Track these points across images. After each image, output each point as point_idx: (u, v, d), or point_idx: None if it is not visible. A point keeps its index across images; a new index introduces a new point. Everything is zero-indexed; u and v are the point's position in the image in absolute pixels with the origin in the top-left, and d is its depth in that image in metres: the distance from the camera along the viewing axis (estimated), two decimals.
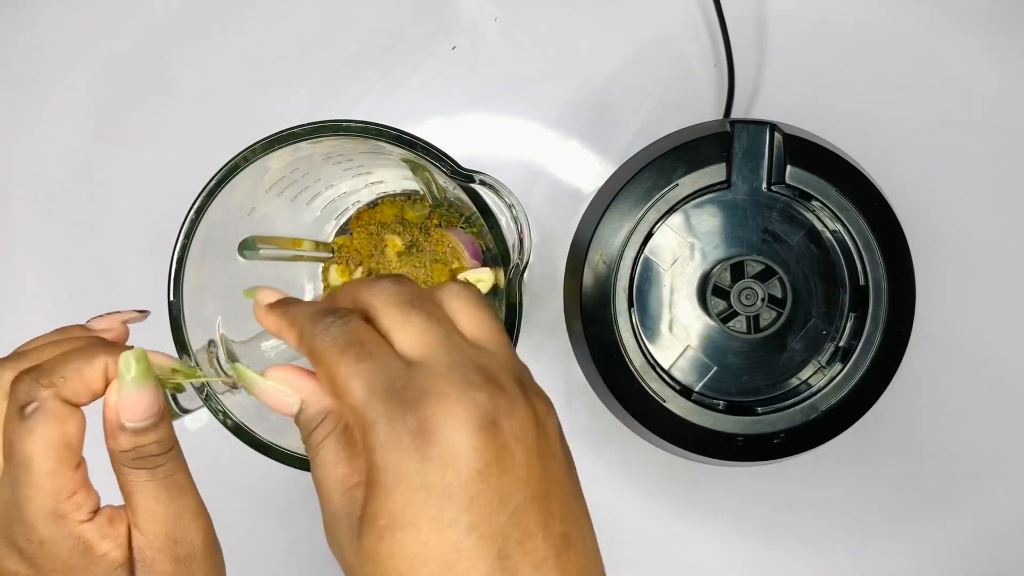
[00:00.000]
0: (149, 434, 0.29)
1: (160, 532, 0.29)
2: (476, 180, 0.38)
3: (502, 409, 0.25)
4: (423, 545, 0.24)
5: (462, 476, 0.25)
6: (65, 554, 0.28)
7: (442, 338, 0.27)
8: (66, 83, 0.57)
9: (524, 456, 0.26)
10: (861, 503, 0.55)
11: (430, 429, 0.25)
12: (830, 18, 0.55)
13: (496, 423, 0.25)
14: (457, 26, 0.56)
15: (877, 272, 0.47)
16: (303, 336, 0.28)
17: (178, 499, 0.30)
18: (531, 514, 0.25)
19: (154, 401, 0.29)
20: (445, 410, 0.25)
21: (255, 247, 0.44)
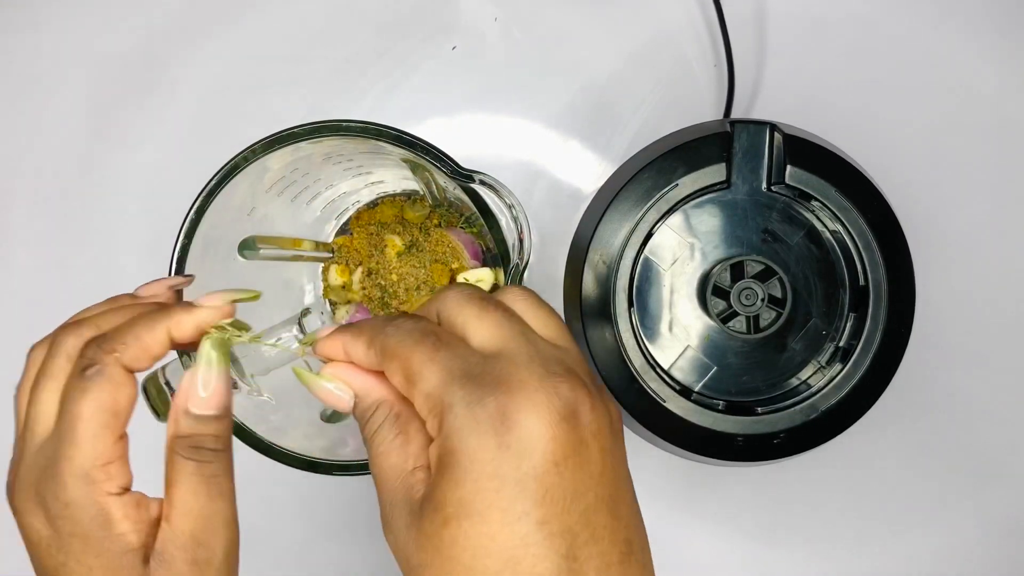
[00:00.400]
0: (210, 425, 0.29)
1: (187, 530, 0.29)
2: (476, 180, 0.38)
3: (582, 401, 0.25)
4: (489, 537, 0.24)
5: (538, 467, 0.24)
6: (86, 521, 0.28)
7: (519, 331, 0.27)
8: (66, 83, 0.57)
9: (599, 453, 0.25)
10: (861, 503, 0.55)
11: (509, 414, 0.24)
12: (830, 18, 0.55)
13: (576, 415, 0.25)
14: (457, 26, 0.56)
15: (877, 272, 0.47)
16: (373, 338, 0.28)
17: (215, 502, 0.29)
18: (601, 515, 0.25)
19: (224, 395, 0.30)
20: (526, 397, 0.25)
21: (255, 247, 0.44)
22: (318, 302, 0.53)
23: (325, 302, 0.53)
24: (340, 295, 0.53)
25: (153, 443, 0.32)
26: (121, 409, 0.29)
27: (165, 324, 0.29)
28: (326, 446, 0.41)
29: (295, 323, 0.44)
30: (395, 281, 0.51)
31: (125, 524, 0.28)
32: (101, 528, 0.28)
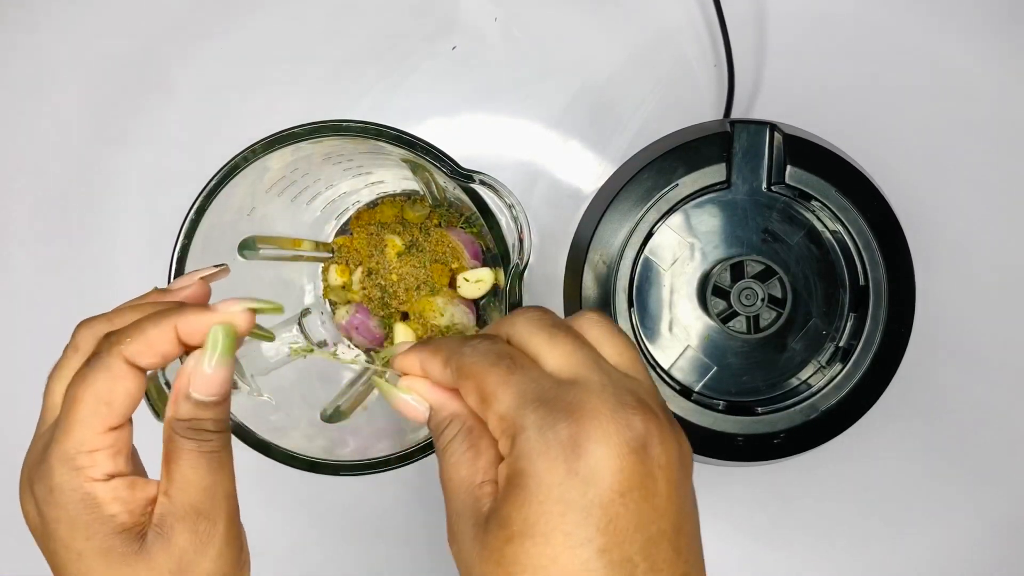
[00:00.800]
0: (210, 410, 0.30)
1: (187, 502, 0.29)
2: (476, 180, 0.38)
3: (653, 434, 0.26)
4: (551, 558, 0.25)
5: (604, 496, 0.25)
6: (70, 506, 0.28)
7: (592, 360, 0.27)
8: (66, 83, 0.57)
9: (665, 487, 0.26)
10: (861, 503, 0.55)
11: (580, 442, 0.25)
12: (830, 18, 0.55)
13: (646, 448, 0.25)
14: (457, 26, 0.56)
15: (877, 272, 0.47)
16: (449, 357, 0.29)
17: (215, 474, 0.29)
18: (662, 547, 0.25)
19: (226, 381, 0.30)
20: (598, 426, 0.25)
21: (255, 247, 0.44)
22: (318, 302, 0.53)
23: (325, 302, 0.53)
24: (340, 295, 0.53)
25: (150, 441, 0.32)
26: (116, 400, 0.28)
27: (173, 322, 0.29)
28: (326, 446, 0.41)
29: (295, 323, 0.45)
30: (395, 281, 0.51)
31: (115, 506, 0.28)
32: (88, 512, 0.28)
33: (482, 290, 0.51)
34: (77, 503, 0.28)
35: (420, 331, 0.52)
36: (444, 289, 0.51)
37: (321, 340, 0.52)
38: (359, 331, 0.52)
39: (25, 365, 0.57)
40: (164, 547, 0.28)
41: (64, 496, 0.28)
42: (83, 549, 0.28)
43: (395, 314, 0.52)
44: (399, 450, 0.40)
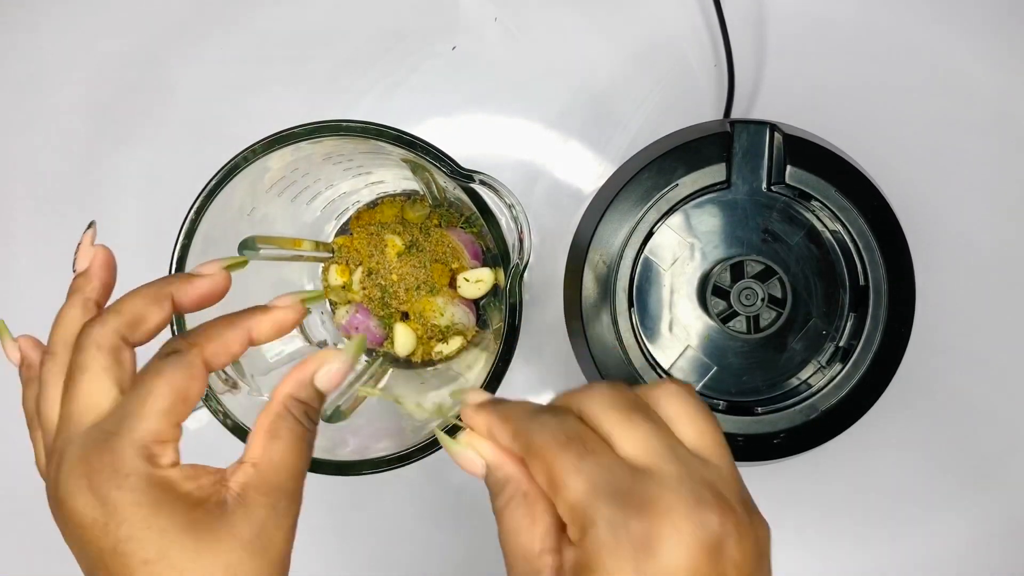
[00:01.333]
0: (320, 400, 0.31)
1: (275, 478, 0.29)
2: (476, 180, 0.38)
3: (730, 533, 0.25)
4: None
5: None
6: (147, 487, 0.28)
7: (669, 447, 0.27)
8: (66, 83, 0.57)
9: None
10: (861, 503, 0.55)
11: (653, 542, 0.24)
12: (830, 18, 0.55)
13: (721, 548, 0.25)
14: (457, 26, 0.56)
15: (877, 272, 0.47)
16: (518, 431, 0.28)
17: (303, 460, 0.30)
18: None
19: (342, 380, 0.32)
20: (672, 524, 0.25)
21: (255, 247, 0.44)
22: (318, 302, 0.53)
23: (325, 302, 0.53)
24: (340, 295, 0.53)
25: None
26: (191, 397, 0.29)
27: (247, 324, 0.31)
28: (326, 446, 0.41)
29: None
30: (395, 281, 0.51)
31: (188, 485, 0.29)
32: (166, 492, 0.28)
33: (482, 290, 0.51)
34: (155, 486, 0.28)
35: (420, 331, 0.52)
36: (444, 289, 0.51)
37: (321, 339, 0.52)
38: (359, 331, 0.52)
39: None
40: (246, 515, 0.28)
41: (141, 481, 0.28)
42: (166, 526, 0.27)
43: (395, 314, 0.52)
44: (399, 450, 0.40)
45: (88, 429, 0.29)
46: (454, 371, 0.51)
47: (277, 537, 0.29)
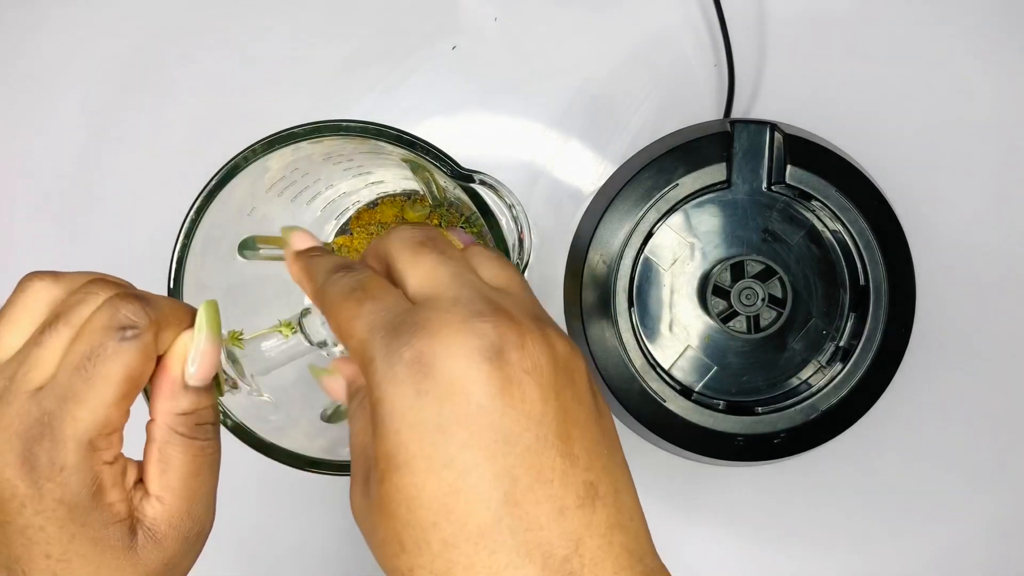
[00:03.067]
0: (207, 396, 0.28)
1: (185, 509, 0.28)
2: (476, 180, 0.38)
3: (510, 340, 0.23)
4: (418, 487, 0.23)
5: (460, 409, 0.23)
6: (77, 488, 0.26)
7: (453, 274, 0.26)
8: (66, 83, 0.57)
9: (537, 391, 0.23)
10: (861, 503, 0.55)
11: (426, 360, 0.23)
12: (830, 18, 0.55)
13: (502, 354, 0.23)
14: (457, 26, 0.56)
15: (877, 272, 0.47)
16: (316, 290, 0.28)
17: (212, 479, 0.29)
18: (546, 456, 0.23)
19: (218, 359, 0.29)
20: (443, 340, 0.23)
21: (255, 247, 0.44)
22: None
23: None
24: None
25: None
26: (142, 383, 0.27)
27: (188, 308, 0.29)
28: (326, 446, 0.41)
29: (295, 323, 0.44)
30: None
31: (114, 493, 0.27)
32: (92, 497, 0.27)
33: None
34: (86, 487, 0.26)
35: None
36: None
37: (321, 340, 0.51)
38: None
39: None
40: (155, 550, 0.27)
41: (74, 477, 0.26)
42: (76, 533, 0.26)
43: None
44: None
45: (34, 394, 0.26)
46: None
47: (185, 563, 0.28)
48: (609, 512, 0.24)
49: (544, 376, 0.24)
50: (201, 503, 0.28)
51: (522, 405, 0.23)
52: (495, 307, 0.24)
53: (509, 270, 0.27)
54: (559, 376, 0.24)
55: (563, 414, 0.24)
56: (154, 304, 0.28)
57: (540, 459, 0.23)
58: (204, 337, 0.28)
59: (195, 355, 0.28)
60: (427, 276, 0.26)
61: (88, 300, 0.28)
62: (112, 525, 0.27)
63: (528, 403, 0.23)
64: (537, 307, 0.26)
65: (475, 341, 0.23)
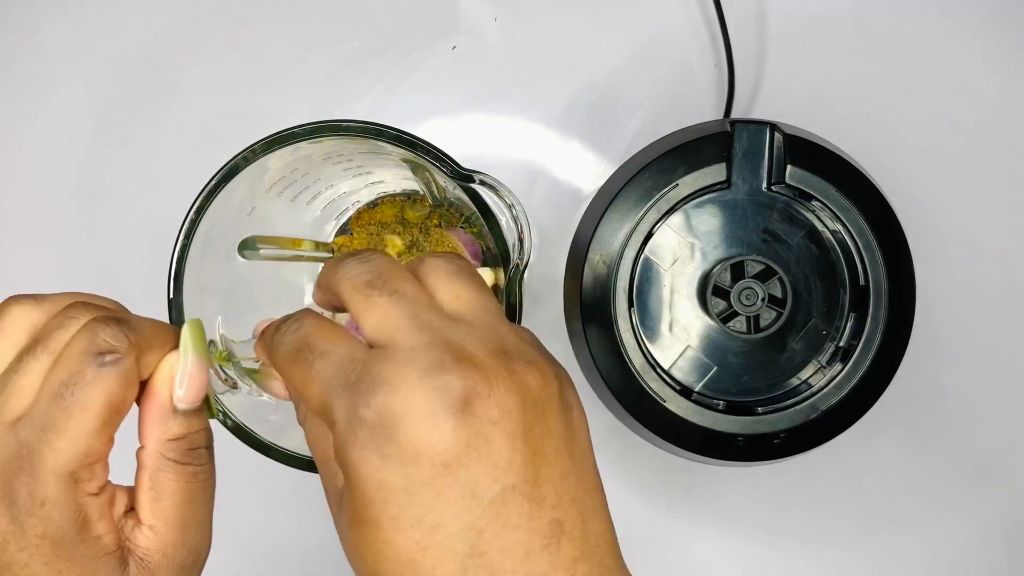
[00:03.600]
0: (199, 419, 0.28)
1: (179, 538, 0.27)
2: (476, 180, 0.38)
3: (475, 390, 0.23)
4: (385, 543, 0.23)
5: (425, 473, 0.22)
6: (60, 522, 0.25)
7: (407, 317, 0.24)
8: (66, 83, 0.57)
9: (505, 440, 0.23)
10: (861, 503, 0.55)
11: (387, 423, 0.23)
12: (830, 18, 0.55)
13: (469, 406, 0.23)
14: (457, 26, 0.56)
15: (877, 272, 0.47)
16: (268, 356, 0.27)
17: (208, 505, 0.28)
18: (513, 504, 0.23)
19: (207, 379, 0.28)
20: (403, 399, 0.23)
21: (255, 247, 0.44)
22: None
23: None
24: None
25: None
26: (125, 408, 0.26)
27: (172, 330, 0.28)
28: None
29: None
30: None
31: (101, 525, 0.26)
32: (78, 531, 0.26)
33: None
34: (69, 521, 0.25)
35: None
36: None
37: None
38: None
39: None
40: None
41: (56, 512, 0.25)
42: (63, 568, 0.25)
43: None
44: None
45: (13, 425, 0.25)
46: None
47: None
48: (575, 545, 0.24)
49: (512, 420, 0.23)
50: (196, 530, 0.28)
51: (489, 457, 0.23)
52: (456, 353, 0.23)
53: (470, 290, 0.26)
54: (528, 414, 0.24)
55: (532, 455, 0.23)
56: (135, 326, 0.26)
57: (507, 507, 0.23)
58: (190, 358, 0.27)
59: (182, 377, 0.27)
60: (380, 322, 0.25)
61: (68, 324, 0.27)
62: (101, 558, 0.26)
63: (495, 453, 0.23)
64: (502, 332, 0.25)
65: (437, 399, 0.23)
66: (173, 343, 0.28)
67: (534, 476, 0.23)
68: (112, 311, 0.28)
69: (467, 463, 0.23)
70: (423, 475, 0.23)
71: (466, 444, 0.23)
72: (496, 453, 0.23)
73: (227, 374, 0.40)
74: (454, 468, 0.23)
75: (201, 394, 0.28)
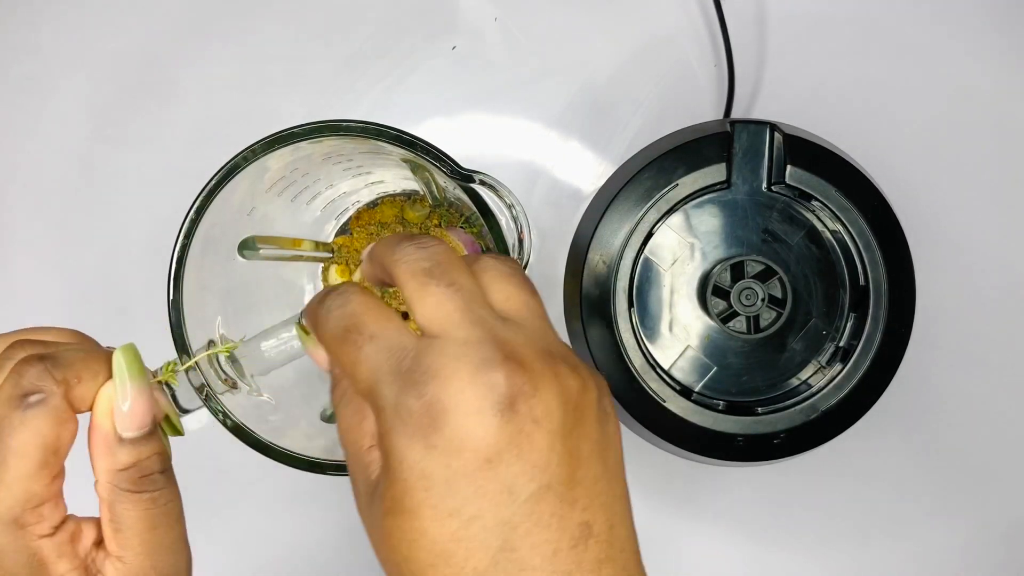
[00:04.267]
0: (149, 445, 0.27)
1: (148, 565, 0.27)
2: (476, 180, 0.38)
3: (522, 390, 0.23)
4: (421, 532, 0.23)
5: (468, 465, 0.23)
6: (14, 568, 0.25)
7: (461, 310, 0.25)
8: (66, 83, 0.57)
9: (545, 440, 0.24)
10: (861, 503, 0.55)
11: (436, 414, 0.23)
12: (830, 18, 0.55)
13: (513, 406, 0.23)
14: (457, 26, 0.56)
15: (877, 272, 0.47)
16: (315, 329, 0.27)
17: (173, 528, 0.27)
18: (546, 503, 0.24)
19: (151, 403, 0.27)
20: (454, 393, 0.23)
21: (255, 247, 0.44)
22: None
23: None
24: None
25: None
26: (62, 447, 0.26)
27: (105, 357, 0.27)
28: (326, 446, 0.41)
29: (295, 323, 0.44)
30: None
31: (63, 565, 0.26)
32: (34, 574, 0.25)
33: None
34: (22, 565, 0.25)
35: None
36: None
37: None
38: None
39: None
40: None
41: (8, 559, 0.25)
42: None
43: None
44: None
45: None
46: None
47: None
48: (601, 548, 0.24)
49: (553, 422, 0.24)
50: (166, 555, 0.27)
51: (529, 455, 0.23)
52: (506, 352, 0.24)
53: (522, 293, 0.27)
54: (568, 417, 0.24)
55: (568, 457, 0.24)
56: (61, 362, 0.26)
57: (541, 506, 0.24)
58: (127, 385, 0.26)
59: (120, 405, 0.26)
60: (435, 311, 0.25)
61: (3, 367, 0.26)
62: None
63: (535, 452, 0.23)
64: (549, 336, 0.26)
65: (486, 394, 0.23)
66: (108, 372, 0.27)
67: (568, 478, 0.24)
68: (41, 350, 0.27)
69: (508, 459, 0.23)
70: (466, 467, 0.23)
71: (508, 441, 0.23)
72: (536, 452, 0.23)
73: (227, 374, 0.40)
74: (495, 463, 0.23)
75: (145, 419, 0.27)
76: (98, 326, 0.57)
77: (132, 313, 0.56)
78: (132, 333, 0.59)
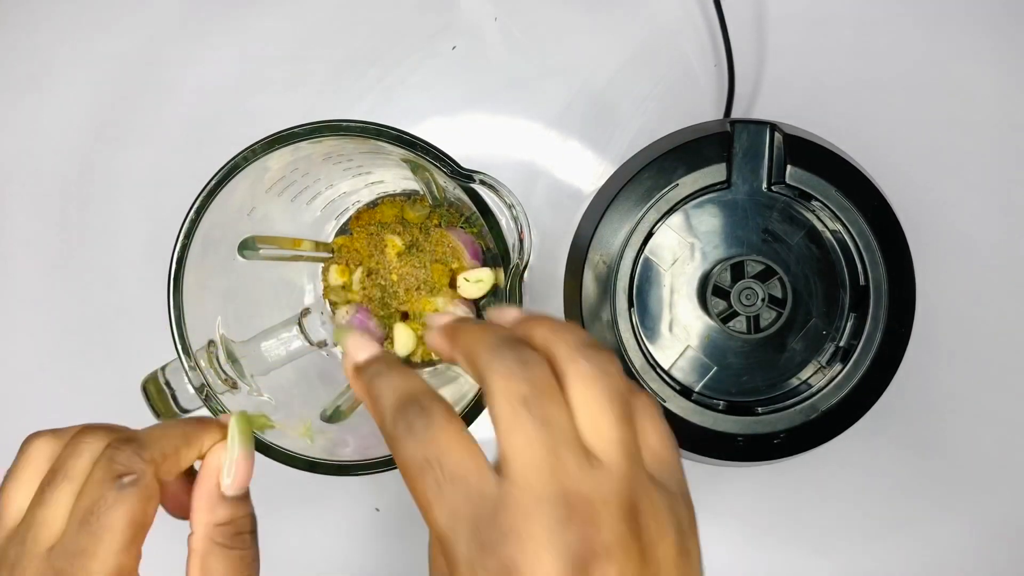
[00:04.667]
0: (243, 506, 0.29)
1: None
2: (476, 180, 0.38)
3: (595, 553, 0.23)
4: None
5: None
6: None
7: (547, 456, 0.24)
8: (66, 83, 0.57)
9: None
10: (861, 503, 0.55)
11: None
12: (830, 18, 0.55)
13: (587, 569, 0.23)
14: (457, 26, 0.56)
15: (877, 272, 0.47)
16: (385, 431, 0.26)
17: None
18: None
19: (252, 468, 0.30)
20: (529, 557, 0.23)
21: (255, 247, 0.44)
22: (318, 302, 0.53)
23: (325, 302, 0.53)
24: (340, 295, 0.53)
25: None
26: (149, 521, 0.28)
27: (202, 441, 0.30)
28: (326, 446, 0.41)
29: (295, 323, 0.45)
30: (395, 281, 0.51)
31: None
32: None
33: (482, 290, 0.51)
34: None
35: (420, 331, 0.52)
36: (444, 289, 0.51)
37: (321, 340, 0.52)
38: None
39: (25, 365, 0.57)
40: None
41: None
42: None
43: (395, 314, 0.52)
44: None
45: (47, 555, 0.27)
46: (453, 372, 0.51)
47: None
48: None
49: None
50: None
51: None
52: (587, 509, 0.24)
53: (610, 423, 0.25)
54: (647, 570, 0.24)
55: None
56: (147, 443, 0.28)
57: None
58: (237, 449, 0.29)
59: (230, 466, 0.29)
60: (522, 451, 0.24)
61: (80, 449, 0.28)
62: None
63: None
64: (632, 483, 0.25)
65: (559, 559, 0.23)
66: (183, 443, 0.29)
67: None
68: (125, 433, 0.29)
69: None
70: None
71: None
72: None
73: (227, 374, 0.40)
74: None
75: (247, 481, 0.30)
76: (98, 326, 0.57)
77: (132, 313, 0.56)
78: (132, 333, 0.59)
